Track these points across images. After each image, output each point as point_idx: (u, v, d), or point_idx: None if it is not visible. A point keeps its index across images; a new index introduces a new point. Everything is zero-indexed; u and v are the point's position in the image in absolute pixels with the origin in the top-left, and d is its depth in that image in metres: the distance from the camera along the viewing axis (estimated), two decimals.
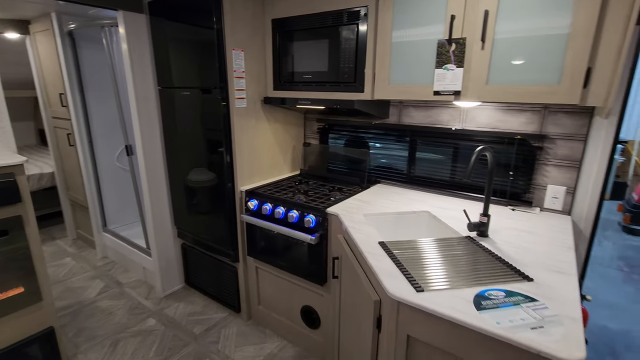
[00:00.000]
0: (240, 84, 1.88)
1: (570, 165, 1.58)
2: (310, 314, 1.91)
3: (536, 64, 1.25)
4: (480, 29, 1.31)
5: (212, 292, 2.42)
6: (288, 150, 2.33)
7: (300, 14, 1.79)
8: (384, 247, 1.27)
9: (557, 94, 1.23)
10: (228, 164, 1.95)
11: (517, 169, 1.70)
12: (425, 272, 1.10)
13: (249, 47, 1.89)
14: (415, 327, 0.99)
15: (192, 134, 2.08)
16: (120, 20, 2.00)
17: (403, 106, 1.99)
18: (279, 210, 1.81)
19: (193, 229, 2.31)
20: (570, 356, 0.76)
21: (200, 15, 1.79)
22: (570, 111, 1.53)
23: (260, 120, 2.06)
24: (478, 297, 0.98)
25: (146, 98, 2.17)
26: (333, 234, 1.68)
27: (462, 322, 0.88)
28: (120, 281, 2.73)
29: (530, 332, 0.83)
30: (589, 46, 1.14)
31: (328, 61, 1.75)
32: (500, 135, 1.72)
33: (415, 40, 1.49)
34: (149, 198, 2.29)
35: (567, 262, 1.17)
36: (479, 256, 1.21)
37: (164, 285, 2.50)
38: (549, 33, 1.20)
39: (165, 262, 2.47)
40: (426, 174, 2.00)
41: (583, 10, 1.13)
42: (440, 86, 1.45)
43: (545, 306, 0.93)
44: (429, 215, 1.66)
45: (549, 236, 1.39)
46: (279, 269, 1.96)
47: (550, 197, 1.64)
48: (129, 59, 2.05)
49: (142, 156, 2.21)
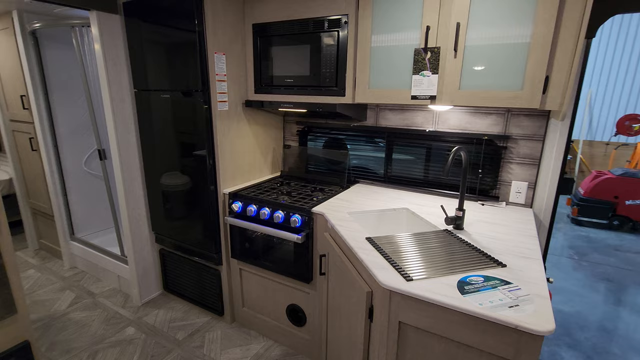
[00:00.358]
0: (222, 87, 1.89)
1: (531, 162, 1.75)
2: (296, 312, 1.96)
3: (502, 71, 1.38)
4: (452, 39, 1.44)
5: (193, 296, 2.40)
6: (268, 152, 2.36)
7: (281, 19, 1.84)
8: (371, 242, 1.35)
9: (520, 99, 1.37)
10: (210, 166, 1.96)
11: (485, 167, 1.86)
12: (412, 263, 1.19)
13: (230, 50, 1.91)
14: (406, 313, 1.08)
15: (172, 137, 2.06)
16: (93, 21, 1.94)
17: (380, 109, 2.10)
18: (264, 212, 1.84)
19: (173, 233, 2.28)
20: (542, 328, 0.87)
21: (181, 18, 1.79)
22: (530, 114, 1.70)
23: (241, 122, 2.08)
24: (461, 282, 1.08)
25: (121, 100, 2.12)
26: (319, 233, 1.74)
27: (450, 305, 0.98)
28: (93, 291, 2.63)
29: (508, 310, 0.94)
30: (546, 57, 1.29)
31: (310, 66, 1.81)
32: (469, 136, 1.86)
33: (393, 46, 1.59)
34: (125, 203, 2.23)
35: (532, 249, 1.32)
36: (458, 247, 1.32)
37: (142, 292, 2.44)
38: (513, 41, 1.34)
39: (142, 268, 2.41)
40: (403, 173, 2.12)
41: (541, 23, 1.28)
42: (418, 91, 1.56)
43: (519, 287, 1.05)
44: (407, 211, 1.76)
45: (515, 227, 1.53)
46: (264, 269, 1.99)
47: (515, 192, 1.81)
48: (103, 60, 2.00)
49: (118, 160, 2.16)
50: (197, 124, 1.92)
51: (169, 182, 2.17)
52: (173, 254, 2.39)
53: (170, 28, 1.85)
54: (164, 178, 2.18)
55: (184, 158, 2.05)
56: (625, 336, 2.40)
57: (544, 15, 1.26)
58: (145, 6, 1.91)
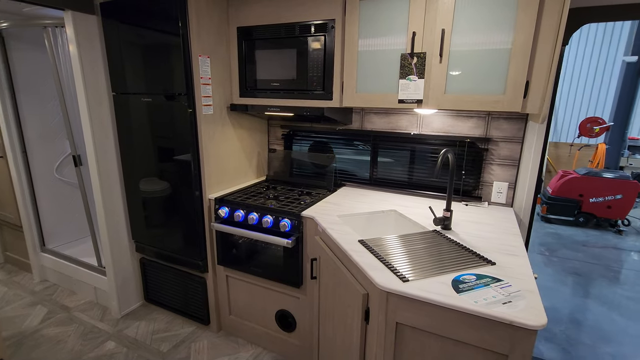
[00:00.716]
0: (206, 91, 1.86)
1: (511, 164, 1.83)
2: (285, 317, 1.94)
3: (485, 76, 1.44)
4: (438, 45, 1.48)
5: (176, 306, 2.32)
6: (253, 156, 2.33)
7: (266, 23, 1.83)
8: (364, 244, 1.37)
9: (502, 103, 1.43)
10: (195, 172, 1.91)
11: (468, 168, 1.92)
12: (406, 264, 1.21)
13: (215, 53, 1.88)
14: (403, 314, 1.09)
15: (153, 141, 2.00)
16: (68, 22, 1.86)
17: (365, 113, 2.13)
18: (252, 217, 1.81)
19: (154, 241, 2.20)
20: (535, 322, 0.91)
21: (164, 20, 1.74)
22: (509, 117, 1.78)
23: (226, 126, 2.05)
24: (455, 281, 1.11)
25: (99, 104, 2.04)
26: (309, 237, 1.73)
27: (447, 304, 1.00)
28: (67, 305, 2.49)
29: (502, 307, 0.97)
30: (526, 62, 1.36)
31: (296, 69, 1.81)
32: (452, 139, 1.92)
33: (380, 51, 1.62)
34: (103, 211, 2.14)
35: (516, 246, 1.37)
36: (448, 246, 1.36)
37: (121, 304, 2.34)
38: (495, 47, 1.40)
39: (122, 279, 2.31)
40: (388, 175, 2.15)
41: (521, 30, 1.34)
42: (404, 95, 1.59)
43: (509, 284, 1.09)
44: (395, 213, 1.79)
45: (499, 225, 1.59)
46: (252, 275, 1.96)
47: (496, 192, 1.88)
48: (79, 62, 1.91)
49: (95, 166, 2.06)
50: (180, 128, 1.88)
51: (151, 188, 2.10)
52: (155, 263, 2.30)
53: (152, 30, 1.80)
54: (145, 184, 2.11)
55: (166, 163, 1.99)
56: (594, 327, 2.54)
57: (523, 23, 1.33)
58: (125, 7, 1.85)
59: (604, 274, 3.48)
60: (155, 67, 1.86)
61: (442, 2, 1.44)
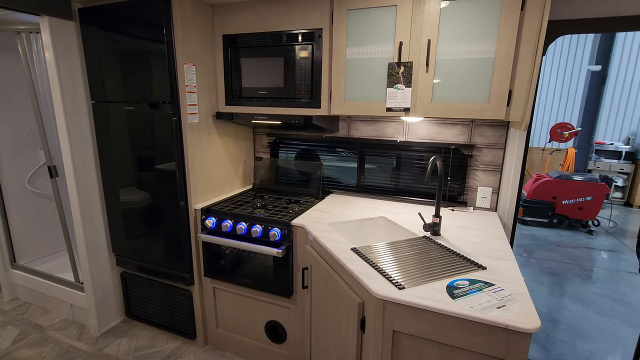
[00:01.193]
0: (192, 99, 1.82)
1: (494, 169, 1.88)
2: (275, 329, 1.91)
3: (471, 85, 1.49)
4: (424, 54, 1.52)
5: (160, 321, 2.24)
6: (239, 165, 2.30)
7: (253, 31, 1.82)
8: (357, 252, 1.37)
9: (487, 111, 1.48)
10: (180, 181, 1.86)
11: (453, 174, 1.96)
12: (400, 271, 1.22)
13: (200, 61, 1.85)
14: (400, 322, 1.09)
15: (135, 151, 1.94)
16: (44, 27, 1.78)
17: (351, 120, 2.14)
18: (240, 227, 1.78)
19: (136, 254, 2.12)
20: (529, 325, 0.93)
21: (147, 26, 1.70)
22: (492, 124, 1.84)
23: (212, 135, 2.01)
24: (449, 287, 1.12)
25: (77, 112, 1.96)
26: (299, 245, 1.72)
27: (444, 311, 1.01)
28: (41, 324, 2.35)
29: (497, 311, 0.99)
30: (509, 72, 1.41)
31: (284, 78, 1.81)
32: (437, 146, 1.96)
33: (368, 60, 1.65)
34: (81, 224, 2.05)
35: (504, 250, 1.41)
36: (439, 252, 1.38)
37: (101, 321, 2.23)
38: (479, 57, 1.45)
39: (101, 294, 2.21)
40: (375, 182, 2.17)
41: (503, 41, 1.40)
42: (392, 103, 1.62)
43: (502, 288, 1.12)
44: (384, 219, 1.81)
45: (485, 230, 1.63)
46: (241, 286, 1.92)
47: (480, 197, 1.93)
48: (55, 70, 1.83)
49: (73, 177, 1.97)
50: (164, 137, 1.83)
51: (133, 199, 2.02)
52: (137, 277, 2.22)
53: (135, 36, 1.75)
54: (127, 195, 2.04)
55: (149, 173, 1.93)
56: (572, 325, 2.64)
57: (506, 33, 1.38)
58: (106, 13, 1.80)
59: (578, 273, 3.63)
60: (137, 74, 1.81)
61: (428, 13, 1.48)
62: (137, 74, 1.81)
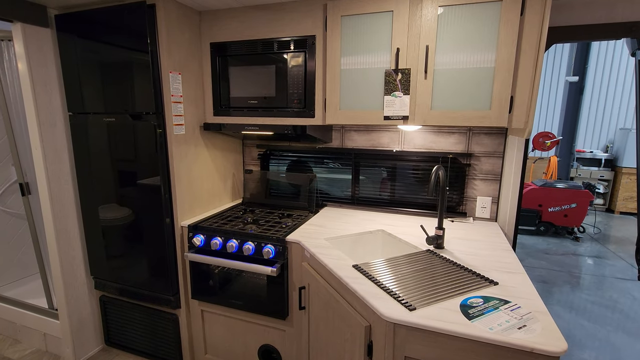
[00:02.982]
0: (178, 109, 1.72)
1: (493, 178, 1.84)
2: (269, 353, 1.78)
3: (471, 92, 1.44)
4: (423, 61, 1.47)
5: (143, 348, 2.07)
6: (228, 178, 2.19)
7: (242, 39, 1.75)
8: (359, 269, 1.27)
9: (489, 118, 1.43)
10: (166, 196, 1.74)
11: (452, 184, 1.91)
12: (408, 290, 1.13)
13: (186, 70, 1.76)
14: (413, 346, 1.00)
15: (117, 165, 1.80)
16: (17, 35, 1.66)
17: (345, 130, 2.08)
18: (231, 244, 1.67)
19: (117, 277, 1.96)
20: (557, 348, 0.85)
21: (130, 33, 1.60)
22: (490, 132, 1.80)
23: (199, 147, 1.90)
24: (463, 306, 1.04)
25: (52, 125, 1.82)
26: (294, 263, 1.61)
27: (461, 334, 0.92)
28: (9, 357, 2.14)
29: (518, 332, 0.91)
30: (510, 78, 1.38)
31: (275, 87, 1.73)
32: (435, 155, 1.91)
33: (363, 68, 1.59)
34: (56, 245, 1.88)
35: (512, 263, 1.34)
36: (446, 267, 1.30)
37: (77, 351, 2.04)
38: (480, 64, 1.41)
39: (77, 321, 2.03)
40: (371, 194, 2.10)
41: (504, 47, 1.36)
42: (390, 111, 1.56)
43: (519, 305, 1.04)
44: (383, 233, 1.73)
45: (489, 241, 1.57)
46: (232, 308, 1.79)
47: (480, 207, 1.88)
48: (29, 80, 1.70)
49: (47, 195, 1.82)
50: (148, 150, 1.71)
51: (113, 217, 1.88)
52: (117, 301, 2.05)
53: (116, 44, 1.65)
54: (107, 213, 1.89)
55: (131, 189, 1.80)
56: (567, 334, 2.60)
57: (505, 39, 1.35)
58: (84, 20, 1.69)
59: (568, 280, 3.62)
60: (119, 83, 1.69)
61: (426, 19, 1.43)
62: (118, 83, 1.69)
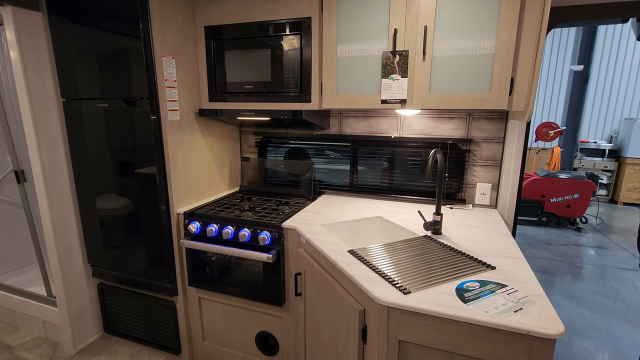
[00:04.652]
0: (172, 95, 1.69)
1: (493, 164, 1.81)
2: (266, 339, 1.77)
3: (470, 74, 1.40)
4: (421, 42, 1.43)
5: (141, 335, 2.07)
6: (225, 166, 2.17)
7: (236, 22, 1.71)
8: (355, 254, 1.26)
9: (489, 101, 1.40)
10: (161, 183, 1.72)
11: (451, 170, 1.88)
12: (403, 274, 1.12)
13: (180, 54, 1.72)
14: (407, 330, 0.99)
15: (111, 151, 1.79)
16: (7, 19, 1.63)
17: (343, 116, 2.04)
18: (227, 231, 1.65)
19: (114, 264, 1.96)
20: (553, 330, 0.83)
21: (122, 16, 1.57)
22: (490, 117, 1.76)
23: (195, 134, 1.88)
24: (459, 290, 1.02)
25: (46, 111, 1.80)
26: (291, 249, 1.60)
27: (456, 317, 0.91)
28: (9, 344, 2.15)
29: (515, 315, 0.89)
30: (511, 59, 1.34)
31: (271, 71, 1.70)
32: (434, 141, 1.88)
33: (360, 49, 1.55)
34: (52, 233, 1.88)
35: (511, 248, 1.32)
36: (443, 252, 1.28)
37: (76, 338, 2.05)
38: (479, 44, 1.37)
39: (76, 309, 2.03)
40: (369, 181, 2.07)
41: (504, 27, 1.32)
42: (387, 95, 1.52)
43: (515, 289, 1.02)
44: (381, 219, 1.70)
45: (488, 228, 1.55)
46: (229, 295, 1.78)
47: (480, 194, 1.85)
48: (20, 65, 1.68)
49: (42, 182, 1.81)
50: (143, 136, 1.69)
51: (109, 205, 1.87)
52: (115, 289, 2.05)
53: (109, 27, 1.61)
54: (103, 201, 1.88)
55: (126, 176, 1.78)
56: (567, 323, 2.58)
57: (506, 18, 1.31)
58: (76, 2, 1.65)
59: (569, 270, 3.60)
60: (112, 68, 1.67)
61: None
62: (111, 67, 1.67)
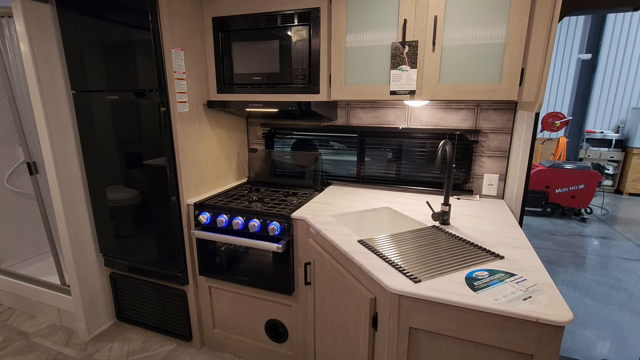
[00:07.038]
0: (181, 86, 1.70)
1: (500, 155, 1.81)
2: (276, 327, 1.81)
3: (480, 66, 1.40)
4: (431, 32, 1.42)
5: (153, 323, 2.12)
6: (233, 157, 2.19)
7: (245, 13, 1.71)
8: (365, 244, 1.28)
9: (499, 91, 1.39)
10: (171, 175, 1.74)
11: (458, 161, 1.88)
12: (412, 263, 1.14)
13: (188, 46, 1.73)
14: (417, 317, 1.01)
15: (121, 143, 1.81)
16: (17, 11, 1.64)
17: (350, 107, 2.05)
18: (237, 221, 1.68)
19: (126, 254, 1.99)
20: (562, 318, 0.85)
21: (131, 8, 1.57)
22: (499, 108, 1.76)
23: (203, 125, 1.89)
24: (469, 279, 1.04)
25: (56, 104, 1.82)
26: (300, 239, 1.62)
27: (466, 304, 0.93)
28: (26, 331, 2.21)
29: (524, 303, 0.91)
30: (522, 49, 1.33)
31: (279, 62, 1.70)
32: (441, 132, 1.88)
33: (370, 40, 1.55)
34: (65, 224, 1.91)
35: (519, 238, 1.33)
36: (452, 242, 1.30)
37: (90, 325, 2.11)
38: (490, 34, 1.36)
39: (89, 297, 2.08)
40: (376, 172, 2.08)
41: (516, 16, 1.31)
42: (396, 86, 1.53)
43: (524, 278, 1.04)
44: (389, 210, 1.72)
45: (496, 218, 1.56)
46: (239, 284, 1.82)
47: (487, 185, 1.86)
48: (31, 58, 1.69)
49: (54, 173, 1.84)
50: (152, 128, 1.70)
51: (120, 196, 1.89)
52: (127, 278, 2.10)
53: (118, 19, 1.62)
54: (113, 191, 1.91)
55: (137, 167, 1.80)
56: None
57: (517, 7, 1.30)
58: None
59: (573, 260, 3.62)
60: (121, 60, 1.67)
61: None
62: (120, 59, 1.67)
